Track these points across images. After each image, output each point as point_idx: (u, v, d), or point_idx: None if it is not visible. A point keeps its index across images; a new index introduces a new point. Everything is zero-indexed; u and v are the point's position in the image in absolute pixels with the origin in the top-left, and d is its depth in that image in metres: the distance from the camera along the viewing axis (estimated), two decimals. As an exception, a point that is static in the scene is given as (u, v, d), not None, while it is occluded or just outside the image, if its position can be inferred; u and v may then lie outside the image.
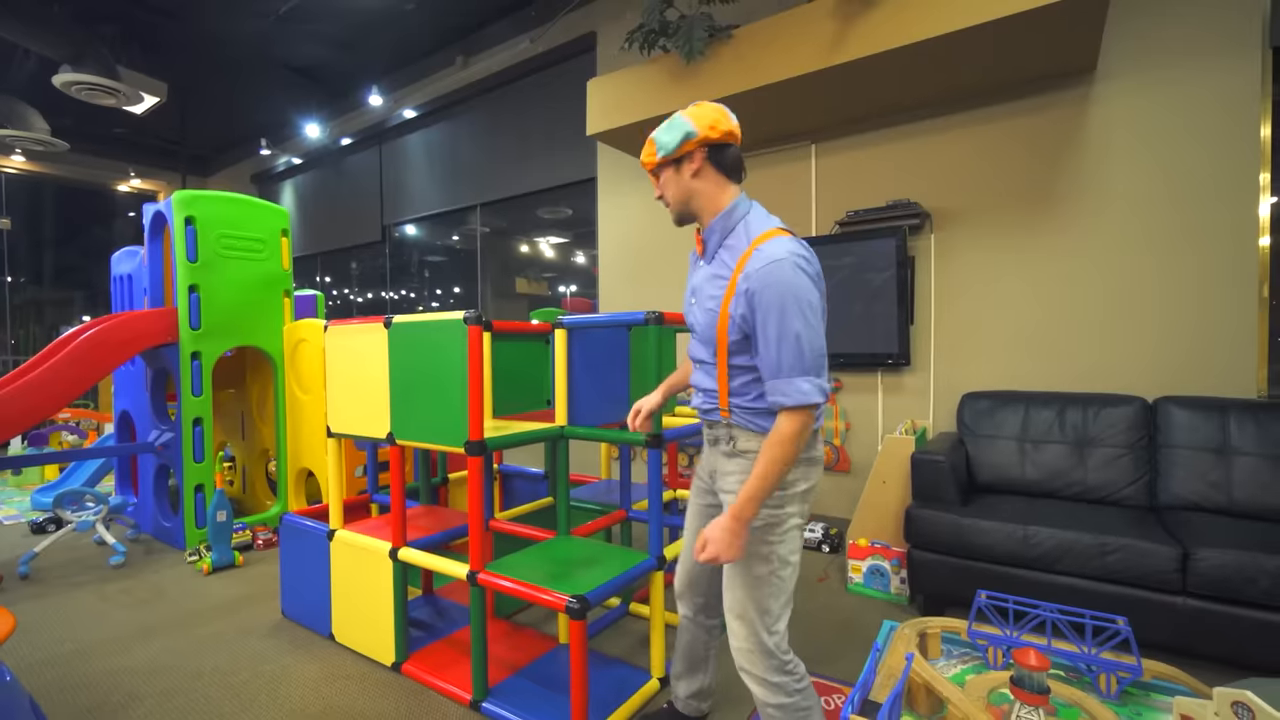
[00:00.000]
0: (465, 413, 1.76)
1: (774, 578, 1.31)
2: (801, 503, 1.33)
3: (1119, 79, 2.68)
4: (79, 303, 8.84)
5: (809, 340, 1.19)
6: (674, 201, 1.39)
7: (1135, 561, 1.97)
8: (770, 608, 1.30)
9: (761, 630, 1.30)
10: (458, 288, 6.58)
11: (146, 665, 2.07)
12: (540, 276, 5.85)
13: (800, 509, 1.33)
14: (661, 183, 1.40)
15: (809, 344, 1.19)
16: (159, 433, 3.31)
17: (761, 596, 1.31)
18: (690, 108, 1.35)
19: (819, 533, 3.11)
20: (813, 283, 1.24)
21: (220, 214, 3.29)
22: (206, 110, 6.33)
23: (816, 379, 1.19)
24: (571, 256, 5.85)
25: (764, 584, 1.31)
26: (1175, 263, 2.60)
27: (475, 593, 1.78)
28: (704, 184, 1.35)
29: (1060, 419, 2.62)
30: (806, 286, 1.21)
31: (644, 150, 1.40)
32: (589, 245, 5.55)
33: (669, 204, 1.41)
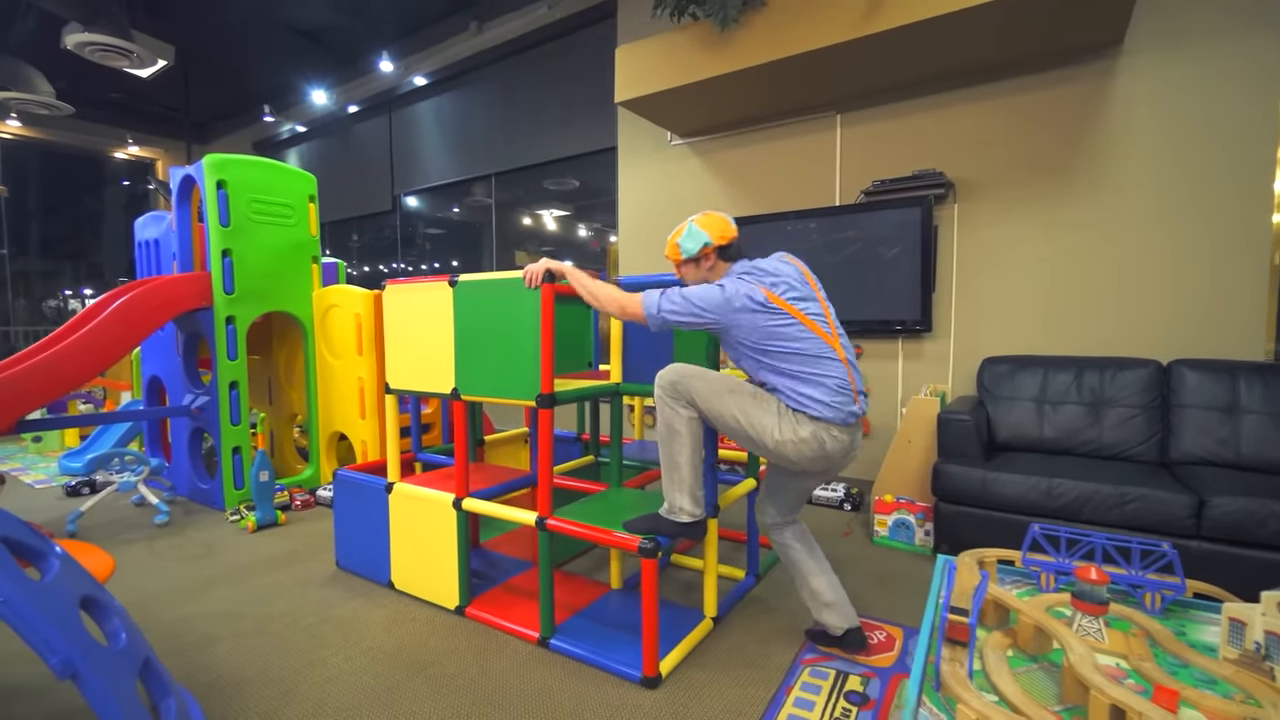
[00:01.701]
0: (537, 368, 1.84)
1: (723, 393, 1.69)
2: (798, 441, 1.64)
3: (1144, 54, 2.76)
4: (70, 273, 8.72)
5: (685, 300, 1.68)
6: (690, 279, 1.85)
7: (1153, 509, 2.12)
8: (699, 388, 1.69)
9: (685, 388, 1.70)
10: (456, 260, 6.60)
11: (216, 611, 2.16)
12: (539, 249, 5.88)
13: (795, 441, 1.64)
14: (682, 273, 1.87)
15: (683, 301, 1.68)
16: (193, 397, 3.35)
17: (711, 383, 1.69)
18: (700, 218, 1.80)
19: (840, 492, 3.25)
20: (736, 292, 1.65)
21: (251, 178, 3.29)
22: (209, 75, 6.21)
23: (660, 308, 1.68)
24: (574, 229, 5.88)
25: (721, 396, 1.69)
26: (1190, 233, 2.71)
27: (544, 538, 1.88)
28: (716, 273, 1.82)
29: (1078, 381, 2.75)
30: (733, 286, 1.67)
31: (669, 249, 1.85)
32: (593, 217, 5.59)
33: (686, 280, 1.88)
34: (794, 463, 1.70)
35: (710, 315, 1.66)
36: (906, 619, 2.06)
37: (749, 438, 1.69)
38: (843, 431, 1.67)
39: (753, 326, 1.66)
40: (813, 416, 1.63)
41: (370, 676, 1.75)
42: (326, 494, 3.36)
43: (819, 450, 1.65)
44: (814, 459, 1.67)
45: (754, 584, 2.31)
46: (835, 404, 1.63)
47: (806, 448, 1.65)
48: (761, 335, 1.66)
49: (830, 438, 1.65)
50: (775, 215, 3.63)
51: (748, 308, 1.65)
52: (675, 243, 1.82)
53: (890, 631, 1.97)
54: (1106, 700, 0.89)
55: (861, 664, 1.78)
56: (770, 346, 1.66)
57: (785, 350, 1.65)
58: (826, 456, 1.67)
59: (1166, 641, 1.15)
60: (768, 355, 1.67)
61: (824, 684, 1.69)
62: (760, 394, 1.70)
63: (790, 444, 1.65)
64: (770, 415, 1.66)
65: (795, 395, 1.65)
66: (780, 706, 1.59)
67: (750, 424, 1.67)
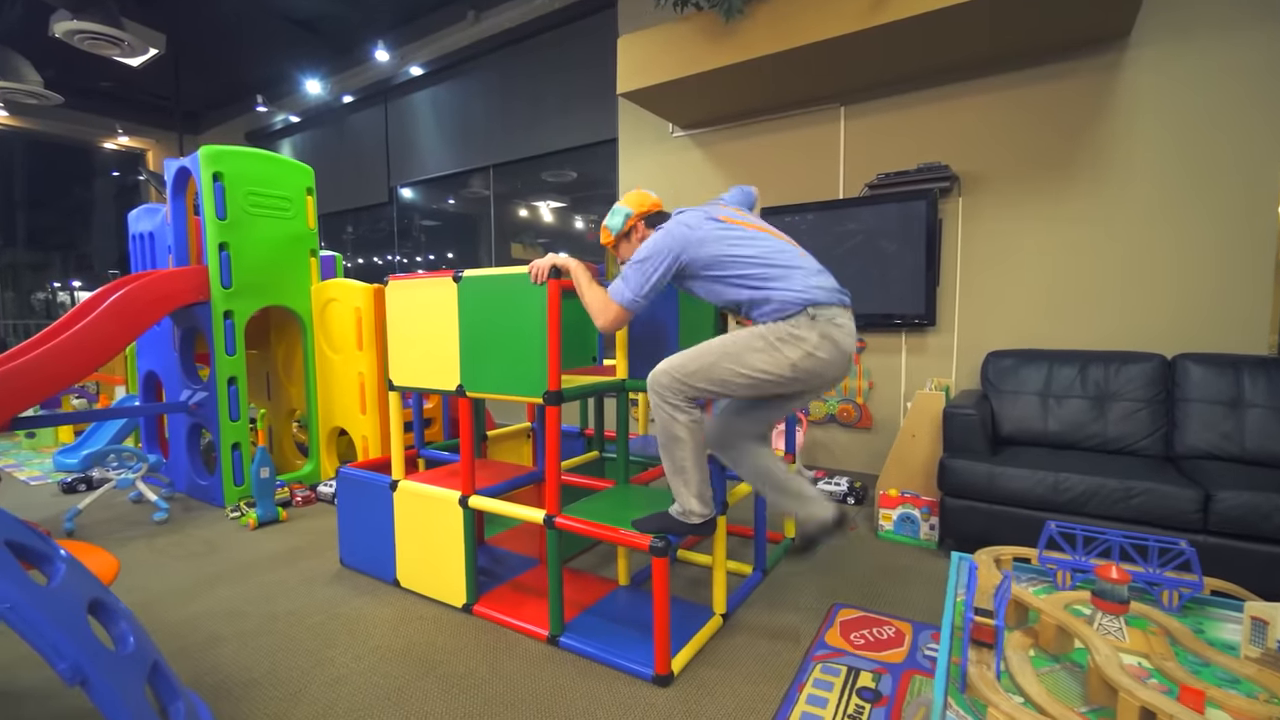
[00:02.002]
0: (544, 364, 1.82)
1: (723, 356, 1.64)
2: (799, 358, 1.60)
3: (1150, 47, 2.74)
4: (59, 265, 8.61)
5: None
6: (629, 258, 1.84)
7: (1159, 503, 2.12)
8: (693, 369, 1.65)
9: (681, 377, 1.66)
10: (451, 252, 6.55)
11: (220, 610, 2.14)
12: (535, 242, 5.84)
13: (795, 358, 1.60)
14: (620, 253, 1.90)
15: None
16: (191, 392, 3.32)
17: (702, 354, 1.66)
18: (623, 198, 1.90)
19: (844, 486, 3.25)
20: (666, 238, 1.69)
21: (248, 171, 3.24)
22: (201, 64, 6.11)
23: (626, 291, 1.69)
24: (571, 221, 5.84)
25: (717, 365, 1.63)
26: (1195, 227, 2.71)
27: (552, 535, 1.87)
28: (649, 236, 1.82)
29: (1082, 375, 2.75)
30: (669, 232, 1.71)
31: (601, 235, 1.91)
32: (590, 209, 5.55)
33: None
34: (817, 376, 1.64)
35: (666, 257, 1.67)
36: (915, 614, 2.06)
37: (765, 382, 1.63)
38: (843, 314, 1.65)
39: (715, 248, 1.66)
40: (808, 313, 1.60)
41: (380, 676, 1.73)
42: (327, 490, 3.33)
43: (834, 349, 1.61)
44: (832, 361, 1.62)
45: (761, 579, 2.31)
46: (821, 285, 1.63)
47: (822, 351, 1.59)
48: (723, 248, 1.66)
49: (835, 327, 1.61)
50: (779, 208, 3.61)
51: (700, 225, 1.69)
52: (604, 226, 1.89)
53: (899, 627, 1.97)
54: (1136, 703, 0.88)
55: (873, 660, 1.78)
56: (736, 256, 1.66)
57: (751, 257, 1.66)
58: (840, 349, 1.62)
59: (1186, 640, 1.14)
60: (736, 267, 1.66)
61: (836, 680, 1.69)
62: (747, 339, 1.64)
63: (803, 359, 1.59)
64: (772, 351, 1.60)
65: (779, 297, 1.61)
66: (793, 704, 1.59)
67: (758, 370, 1.61)
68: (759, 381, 1.64)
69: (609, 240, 1.90)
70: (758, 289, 1.65)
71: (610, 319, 1.72)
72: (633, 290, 1.69)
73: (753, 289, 1.66)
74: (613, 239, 1.89)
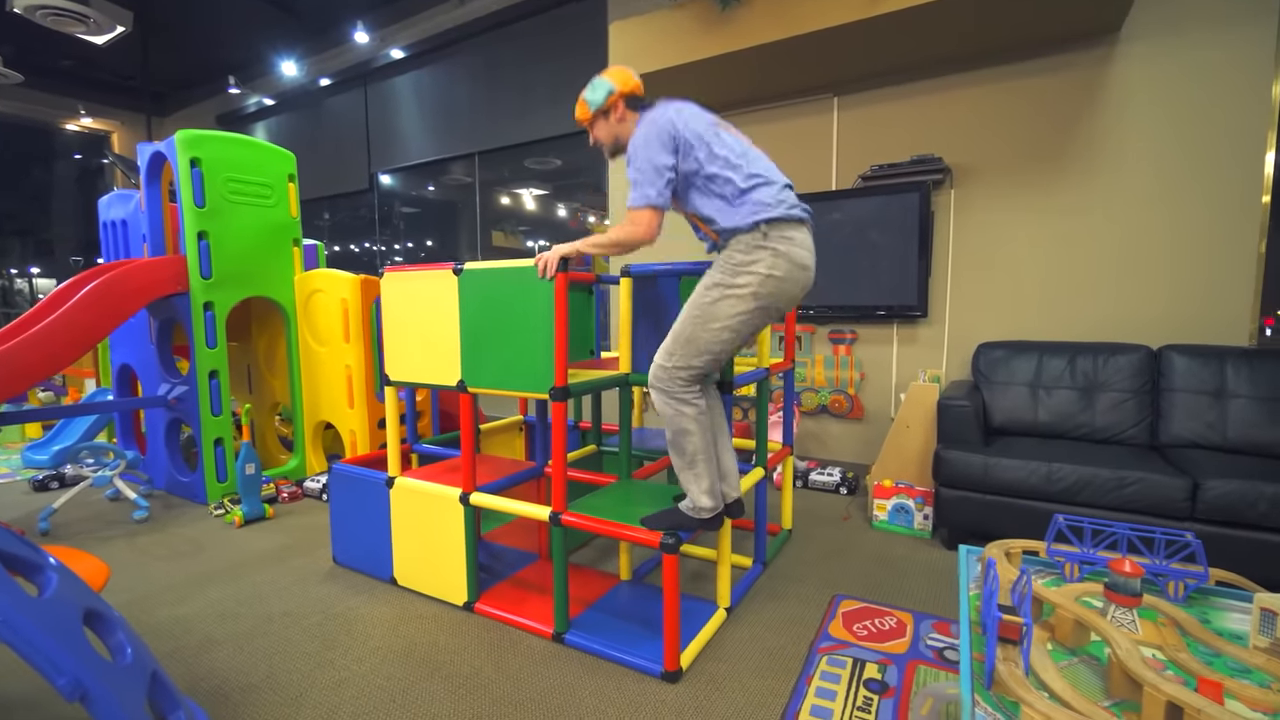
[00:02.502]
0: (550, 359, 1.79)
1: (695, 322, 1.64)
2: (757, 284, 1.60)
3: (1141, 41, 2.77)
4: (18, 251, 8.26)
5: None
6: (607, 142, 1.83)
7: (1150, 492, 2.17)
8: (679, 351, 1.65)
9: (681, 360, 1.66)
10: (430, 240, 6.43)
11: (212, 612, 2.08)
12: (516, 229, 5.76)
13: (754, 287, 1.60)
14: (596, 131, 1.82)
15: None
16: (170, 386, 3.21)
17: (680, 330, 1.66)
18: (605, 71, 1.79)
19: (837, 476, 3.28)
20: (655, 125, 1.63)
21: (227, 156, 3.12)
22: (170, 43, 5.87)
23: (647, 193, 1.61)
24: (553, 208, 5.77)
25: (689, 323, 1.65)
26: (1181, 221, 2.76)
27: (557, 533, 1.84)
28: (626, 125, 1.78)
29: (1071, 366, 2.80)
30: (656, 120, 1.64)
31: (577, 109, 1.81)
32: (573, 197, 5.49)
33: (604, 145, 1.84)
34: (781, 295, 1.64)
35: (670, 143, 1.61)
36: (914, 604, 2.09)
37: (744, 323, 1.64)
38: (796, 229, 1.64)
39: (711, 135, 1.65)
40: (760, 231, 1.59)
41: (383, 678, 1.70)
42: (314, 485, 3.26)
43: (789, 265, 1.61)
44: (788, 277, 1.62)
45: (761, 571, 2.32)
46: (782, 199, 1.64)
47: (777, 270, 1.59)
48: (721, 140, 1.65)
49: (787, 241, 1.61)
50: (771, 199, 3.59)
51: (687, 108, 1.67)
52: (581, 99, 1.80)
53: (900, 617, 1.99)
54: (1163, 697, 0.90)
55: (877, 651, 1.80)
56: (720, 156, 1.63)
57: (735, 164, 1.64)
58: (794, 263, 1.62)
59: (1195, 631, 1.17)
60: (716, 165, 1.63)
61: (843, 673, 1.70)
62: (703, 295, 1.64)
63: (762, 284, 1.59)
64: (732, 292, 1.60)
65: (742, 211, 1.60)
66: (803, 697, 1.60)
67: (732, 316, 1.61)
68: (739, 325, 1.63)
69: (585, 116, 1.80)
70: (728, 200, 1.63)
71: (644, 226, 1.61)
72: (648, 185, 1.59)
73: (723, 199, 1.63)
74: (590, 114, 1.79)
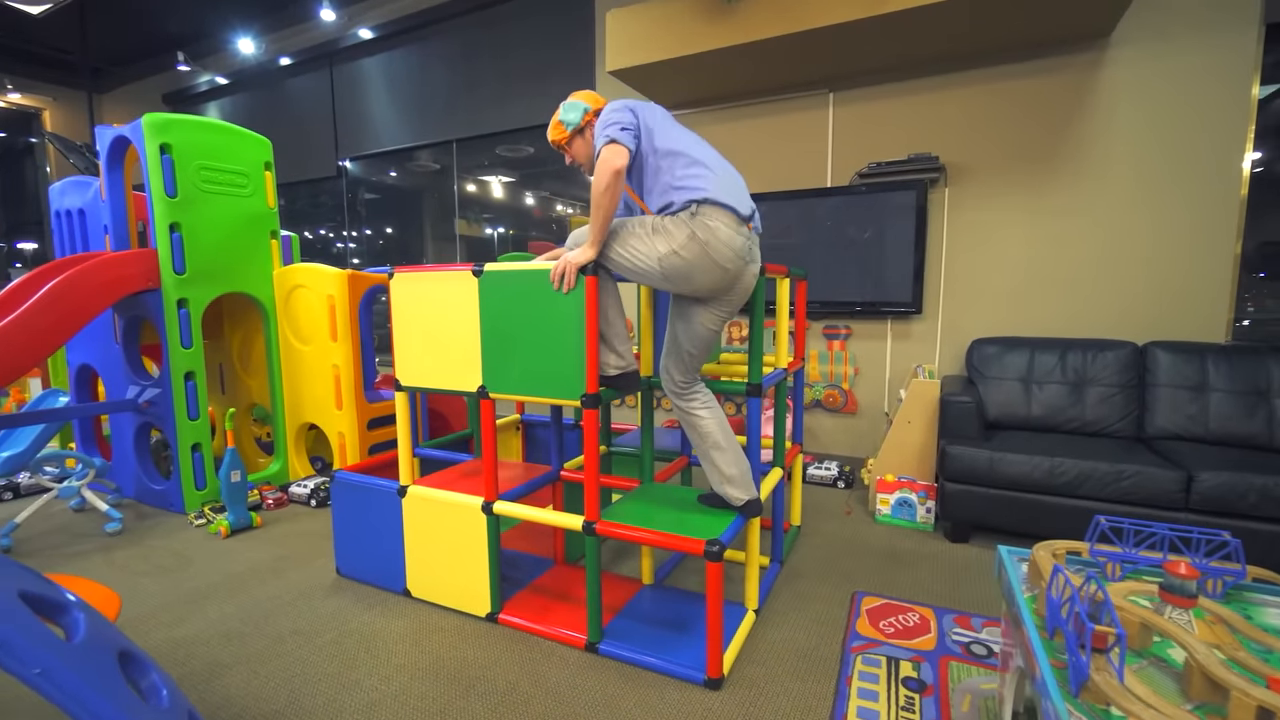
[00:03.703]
0: (580, 365, 1.73)
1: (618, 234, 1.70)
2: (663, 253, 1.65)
3: (1130, 45, 2.87)
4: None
5: None
6: (586, 161, 1.86)
7: (1146, 484, 2.28)
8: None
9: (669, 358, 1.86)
10: (390, 228, 6.22)
11: (215, 632, 1.96)
12: (479, 218, 5.62)
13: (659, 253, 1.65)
14: (573, 150, 1.87)
15: None
16: (139, 389, 3.00)
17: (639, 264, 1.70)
18: (576, 93, 1.84)
19: (834, 470, 3.32)
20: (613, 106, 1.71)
21: (199, 142, 2.91)
22: (110, 13, 5.43)
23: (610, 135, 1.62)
24: (520, 197, 5.65)
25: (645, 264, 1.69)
26: (1166, 221, 2.89)
27: (592, 543, 1.80)
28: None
29: (1062, 362, 2.91)
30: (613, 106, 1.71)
31: (552, 130, 1.85)
32: (541, 185, 5.38)
33: (583, 165, 1.88)
34: (684, 279, 1.67)
35: (631, 118, 1.67)
36: (932, 598, 2.13)
37: (641, 268, 1.68)
38: (725, 219, 1.64)
39: (665, 125, 1.72)
40: (690, 209, 1.63)
41: (415, 698, 1.64)
42: (301, 490, 3.11)
43: (700, 252, 1.62)
44: (696, 264, 1.64)
45: (779, 570, 2.33)
46: (723, 187, 1.65)
47: (686, 252, 1.63)
48: (672, 131, 1.72)
49: (708, 229, 1.62)
50: (766, 195, 3.59)
51: (654, 108, 1.75)
52: (557, 121, 1.83)
53: (922, 613, 2.04)
54: (1252, 702, 0.93)
55: (907, 649, 1.84)
56: (675, 142, 1.68)
57: (684, 151, 1.68)
58: (708, 254, 1.63)
59: (1244, 628, 1.22)
60: (669, 157, 1.67)
61: (879, 672, 1.73)
62: (633, 224, 1.69)
63: (668, 255, 1.63)
64: (647, 238, 1.66)
65: (680, 195, 1.64)
66: (846, 699, 1.62)
67: (634, 251, 1.67)
68: (636, 267, 1.69)
69: (561, 136, 1.84)
70: (670, 178, 1.67)
71: (608, 161, 1.58)
72: (613, 130, 1.62)
73: (669, 176, 1.67)
74: (567, 135, 1.83)
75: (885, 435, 3.00)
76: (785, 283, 2.26)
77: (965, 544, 2.59)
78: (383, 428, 3.31)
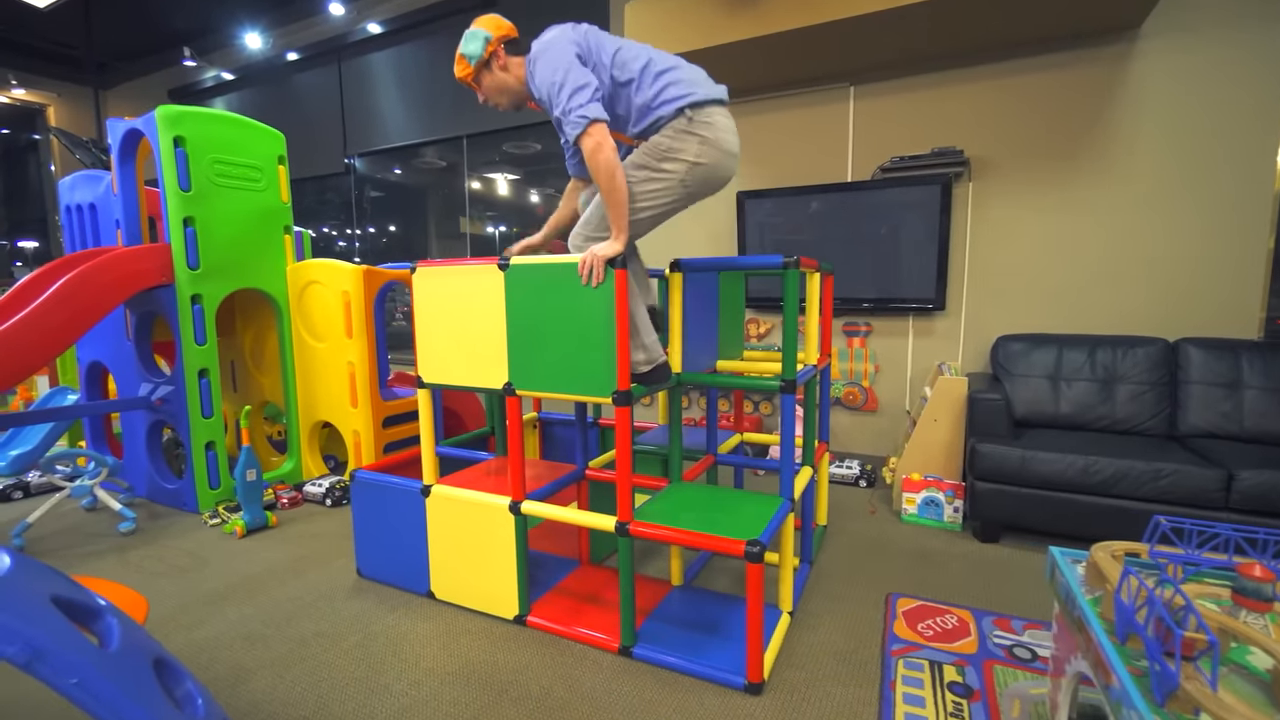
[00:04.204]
0: (611, 361, 1.68)
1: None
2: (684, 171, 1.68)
3: (1160, 38, 2.81)
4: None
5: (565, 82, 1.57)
6: (495, 94, 1.76)
7: (1185, 483, 2.22)
8: (594, 224, 1.76)
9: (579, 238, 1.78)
10: (393, 226, 6.17)
11: (235, 634, 1.91)
12: (482, 215, 5.58)
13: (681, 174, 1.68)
14: (484, 87, 1.75)
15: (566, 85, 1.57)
16: (152, 386, 2.95)
17: (596, 211, 1.73)
18: (476, 21, 1.73)
19: (856, 469, 3.27)
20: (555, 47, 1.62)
21: (213, 135, 2.86)
22: (116, 8, 5.37)
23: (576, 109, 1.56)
24: (524, 194, 5.60)
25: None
26: (1195, 216, 2.83)
27: (625, 544, 1.75)
28: (510, 72, 1.73)
29: (1091, 359, 2.86)
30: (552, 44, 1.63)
31: (458, 68, 1.73)
32: (544, 183, 5.33)
33: (495, 101, 1.77)
34: (708, 182, 1.72)
35: (585, 74, 1.60)
36: (968, 599, 2.09)
37: (665, 206, 1.71)
38: (719, 112, 1.69)
39: (610, 49, 1.68)
40: (686, 116, 1.65)
41: (448, 704, 1.59)
42: (316, 490, 3.07)
43: (716, 152, 1.68)
44: (717, 164, 1.70)
45: (809, 570, 2.29)
46: (696, 80, 1.69)
47: (705, 158, 1.67)
48: (621, 52, 1.68)
49: (710, 127, 1.66)
50: (786, 190, 3.54)
51: (595, 29, 1.70)
52: (459, 55, 1.73)
53: (959, 615, 1.99)
54: (1356, 714, 0.88)
55: (949, 652, 1.79)
56: (634, 63, 1.67)
57: (638, 56, 1.68)
58: (722, 149, 1.69)
59: (1319, 633, 1.17)
60: (628, 69, 1.66)
61: (923, 676, 1.68)
62: (642, 174, 1.68)
63: (690, 171, 1.66)
64: (659, 176, 1.67)
65: (663, 96, 1.65)
66: (892, 705, 1.57)
67: (652, 195, 1.69)
68: (661, 209, 1.70)
69: (467, 72, 1.74)
70: (645, 91, 1.65)
71: (603, 147, 1.56)
72: (578, 106, 1.56)
73: (640, 91, 1.66)
74: (471, 69, 1.73)
75: (908, 433, 2.96)
76: (816, 277, 2.21)
77: (995, 544, 2.54)
78: (398, 425, 3.26)
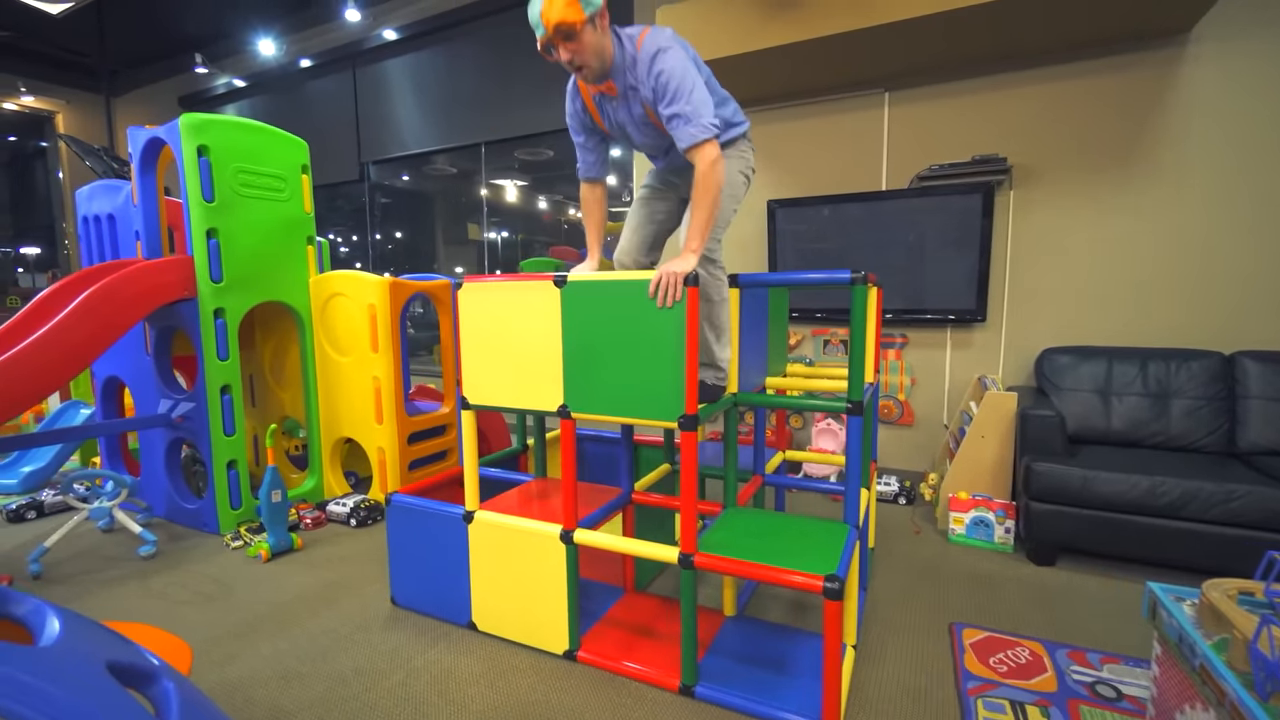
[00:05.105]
0: (679, 384, 1.59)
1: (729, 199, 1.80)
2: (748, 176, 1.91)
3: (1212, 42, 2.73)
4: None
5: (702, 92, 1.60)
6: (590, 55, 1.56)
7: (1259, 505, 2.13)
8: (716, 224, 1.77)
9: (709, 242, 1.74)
10: (399, 233, 6.10)
11: (270, 672, 1.81)
12: (490, 222, 5.51)
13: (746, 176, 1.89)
14: (584, 42, 1.53)
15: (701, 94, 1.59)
16: (172, 402, 2.85)
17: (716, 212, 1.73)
18: None
19: (895, 486, 3.18)
20: (686, 47, 1.66)
21: (236, 144, 2.78)
22: (127, 14, 5.30)
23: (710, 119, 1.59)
24: (531, 202, 5.53)
25: (725, 200, 1.77)
26: (1249, 225, 2.75)
27: (688, 576, 1.66)
28: (607, 40, 1.59)
29: (1142, 372, 2.77)
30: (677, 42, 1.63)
31: (567, 9, 1.46)
32: (552, 189, 5.26)
33: (590, 65, 1.58)
34: None
35: (692, 65, 1.62)
36: (1037, 630, 1.99)
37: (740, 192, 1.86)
38: None
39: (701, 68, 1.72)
40: (748, 136, 1.89)
41: (505, 751, 1.49)
42: (340, 509, 2.97)
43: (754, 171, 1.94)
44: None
45: (864, 598, 2.19)
46: None
47: (753, 165, 1.93)
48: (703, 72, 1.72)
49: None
50: (817, 199, 3.45)
51: (688, 46, 1.70)
52: (575, 1, 1.48)
53: (1031, 648, 1.89)
54: None
55: (1029, 691, 1.69)
56: (710, 79, 1.75)
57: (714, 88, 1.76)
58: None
59: None
60: (716, 85, 1.77)
61: (1006, 719, 1.58)
62: (733, 178, 1.80)
63: (750, 178, 1.91)
64: (748, 179, 1.89)
65: (740, 119, 1.85)
66: (980, 752, 1.47)
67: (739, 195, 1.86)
68: (726, 223, 1.85)
69: (579, 18, 1.48)
70: (724, 110, 1.76)
71: (719, 162, 1.60)
72: (706, 113, 1.58)
73: (728, 114, 1.80)
74: (584, 16, 1.49)
75: (948, 449, 2.86)
76: (874, 291, 2.13)
77: (1052, 567, 2.45)
78: (423, 441, 3.17)
